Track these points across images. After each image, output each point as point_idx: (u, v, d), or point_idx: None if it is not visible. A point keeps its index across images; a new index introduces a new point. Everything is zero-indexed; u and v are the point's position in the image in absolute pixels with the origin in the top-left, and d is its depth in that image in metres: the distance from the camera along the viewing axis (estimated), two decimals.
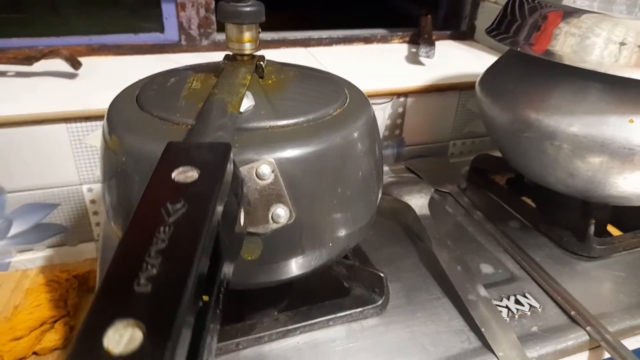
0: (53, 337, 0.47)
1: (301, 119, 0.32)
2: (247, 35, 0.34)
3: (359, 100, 0.37)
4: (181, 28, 0.66)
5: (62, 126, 0.49)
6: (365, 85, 0.59)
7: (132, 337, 0.13)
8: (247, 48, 0.35)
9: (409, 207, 0.48)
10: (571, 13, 0.41)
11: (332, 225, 0.33)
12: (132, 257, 0.15)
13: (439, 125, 0.66)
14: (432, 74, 0.64)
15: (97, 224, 0.56)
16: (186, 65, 0.39)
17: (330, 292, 0.39)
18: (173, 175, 0.19)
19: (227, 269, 0.22)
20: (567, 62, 0.40)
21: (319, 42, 0.73)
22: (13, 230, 0.53)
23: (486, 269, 0.43)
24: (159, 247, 0.16)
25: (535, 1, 0.45)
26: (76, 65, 0.56)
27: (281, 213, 0.29)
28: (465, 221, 0.50)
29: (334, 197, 0.32)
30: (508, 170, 0.53)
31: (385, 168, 0.60)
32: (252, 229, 0.29)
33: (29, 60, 0.55)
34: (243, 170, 0.28)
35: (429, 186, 0.51)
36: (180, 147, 0.21)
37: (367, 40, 0.75)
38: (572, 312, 0.38)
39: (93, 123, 0.50)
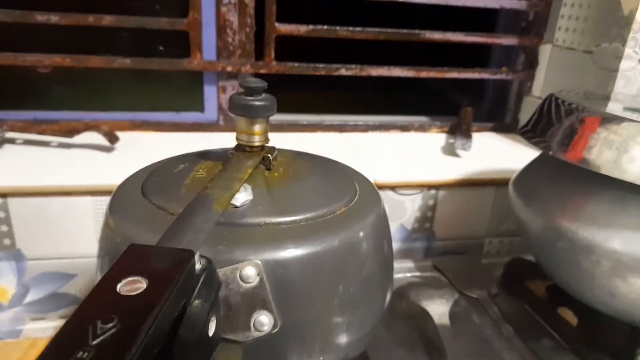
0: None
1: (299, 217, 0.30)
2: (256, 128, 0.34)
3: (369, 197, 0.35)
4: (220, 109, 0.69)
5: (87, 199, 0.50)
6: (394, 176, 0.58)
7: None
8: (256, 140, 0.34)
9: (427, 314, 0.44)
10: (610, 119, 0.39)
11: (325, 335, 0.30)
12: None
13: (473, 220, 0.62)
14: (467, 167, 0.61)
15: None
16: (199, 151, 0.39)
17: None
18: (118, 286, 0.18)
19: None
20: (604, 172, 0.37)
21: (355, 128, 0.73)
22: (29, 298, 0.53)
23: None
24: None
25: (572, 105, 0.42)
26: (113, 140, 0.58)
27: (264, 320, 0.27)
28: (491, 334, 0.45)
29: (327, 306, 0.29)
30: (546, 277, 0.49)
31: (411, 264, 0.56)
32: (230, 336, 0.27)
33: (71, 133, 0.58)
34: (226, 271, 0.26)
35: (452, 291, 0.47)
36: (139, 251, 0.20)
37: (404, 128, 0.74)
38: None
39: None
